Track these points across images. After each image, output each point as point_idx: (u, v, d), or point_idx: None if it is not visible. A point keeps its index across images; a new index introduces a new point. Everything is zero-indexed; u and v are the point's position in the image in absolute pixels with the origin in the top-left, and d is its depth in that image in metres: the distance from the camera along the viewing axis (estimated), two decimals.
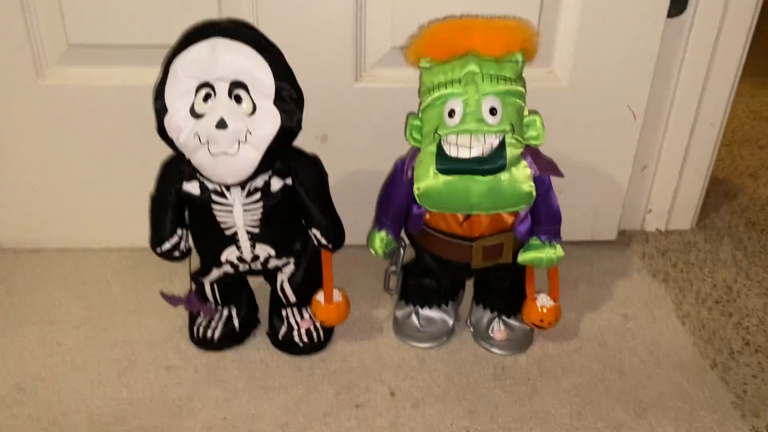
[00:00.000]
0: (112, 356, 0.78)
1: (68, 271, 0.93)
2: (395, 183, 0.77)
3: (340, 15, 0.82)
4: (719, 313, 0.88)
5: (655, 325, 0.85)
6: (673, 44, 0.91)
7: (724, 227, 1.07)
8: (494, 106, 0.67)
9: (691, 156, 1.00)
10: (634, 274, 0.95)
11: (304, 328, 0.78)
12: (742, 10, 0.89)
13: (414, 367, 0.78)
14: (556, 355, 0.80)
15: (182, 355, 0.79)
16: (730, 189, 1.19)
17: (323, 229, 0.75)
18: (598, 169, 0.95)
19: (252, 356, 0.79)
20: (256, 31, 0.67)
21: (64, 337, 0.81)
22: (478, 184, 0.67)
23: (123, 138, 0.89)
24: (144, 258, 0.95)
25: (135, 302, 0.87)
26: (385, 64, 0.86)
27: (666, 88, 0.94)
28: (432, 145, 0.69)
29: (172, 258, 0.75)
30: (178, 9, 0.81)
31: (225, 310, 0.80)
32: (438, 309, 0.81)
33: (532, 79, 0.83)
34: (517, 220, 0.74)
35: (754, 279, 0.95)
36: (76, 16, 0.81)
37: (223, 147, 0.65)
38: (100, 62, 0.85)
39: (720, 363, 0.79)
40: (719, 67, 0.93)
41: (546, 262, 0.75)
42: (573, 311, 0.87)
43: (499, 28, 0.70)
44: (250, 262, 0.74)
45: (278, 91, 0.66)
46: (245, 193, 0.70)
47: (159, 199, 0.73)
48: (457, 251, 0.75)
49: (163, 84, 0.67)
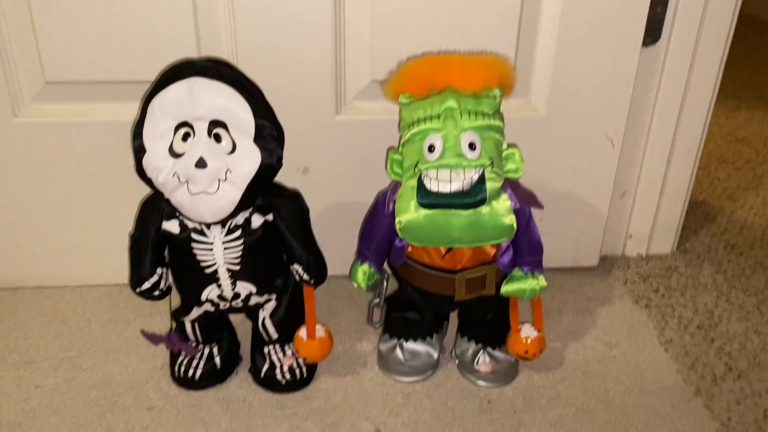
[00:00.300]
0: (92, 398, 0.77)
1: (47, 309, 0.91)
2: (377, 216, 0.76)
3: (319, 50, 0.82)
4: (701, 339, 0.88)
5: (638, 352, 0.85)
6: (649, 72, 0.92)
7: (703, 251, 1.08)
8: (473, 141, 0.68)
9: (669, 181, 1.01)
10: (616, 301, 0.96)
11: (286, 365, 0.78)
12: (716, 37, 0.90)
13: (399, 402, 0.77)
14: (542, 386, 0.80)
15: (163, 395, 0.77)
16: (709, 211, 1.21)
17: (305, 264, 0.74)
18: (578, 197, 0.96)
19: (234, 395, 0.78)
20: (235, 70, 0.67)
21: (43, 378, 0.79)
22: (459, 217, 0.67)
23: (101, 175, 0.88)
24: (124, 295, 0.93)
25: (115, 341, 0.86)
26: (364, 97, 0.87)
27: (643, 115, 0.95)
28: (413, 179, 0.69)
29: (152, 297, 0.74)
30: (157, 46, 0.81)
31: (206, 348, 0.79)
32: (422, 342, 0.81)
33: (511, 110, 0.84)
34: (499, 251, 0.74)
35: (734, 303, 0.95)
36: (53, 54, 0.81)
37: (203, 186, 0.65)
38: (78, 99, 0.84)
39: (704, 390, 0.80)
40: (695, 92, 0.94)
41: (529, 293, 0.75)
42: (557, 340, 0.87)
43: (477, 63, 0.70)
44: (231, 300, 0.73)
45: (258, 130, 0.66)
46: (225, 231, 0.70)
47: (138, 238, 0.72)
48: (440, 284, 0.75)
49: (141, 124, 0.67)
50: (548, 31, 0.85)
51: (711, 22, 0.89)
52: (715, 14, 0.89)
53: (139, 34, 0.80)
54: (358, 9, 0.81)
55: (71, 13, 0.79)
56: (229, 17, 0.80)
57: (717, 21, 0.89)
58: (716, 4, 0.88)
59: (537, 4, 0.83)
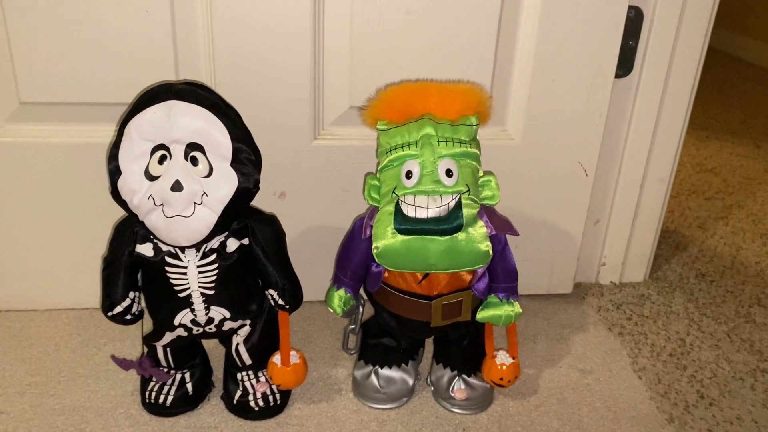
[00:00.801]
0: (60, 425, 0.75)
1: (14, 333, 0.89)
2: (354, 241, 0.76)
3: (298, 76, 0.82)
4: (674, 366, 0.89)
5: (612, 379, 0.86)
6: (621, 103, 0.94)
7: (675, 279, 1.10)
8: (450, 168, 0.68)
9: (642, 210, 1.02)
10: (590, 328, 0.96)
11: (260, 391, 0.77)
12: (686, 70, 0.93)
13: (374, 430, 0.76)
14: (516, 414, 0.79)
15: (133, 422, 0.76)
16: (680, 240, 1.23)
17: (280, 289, 0.74)
18: (552, 224, 0.97)
19: (206, 422, 0.76)
20: (212, 93, 0.67)
21: (8, 405, 0.77)
22: (436, 243, 0.68)
23: (74, 197, 0.87)
24: (94, 319, 0.92)
25: (84, 366, 0.84)
26: (342, 123, 0.87)
27: (616, 145, 0.97)
28: (390, 205, 0.69)
29: (124, 322, 0.73)
30: (134, 68, 0.81)
31: (178, 374, 0.77)
32: (398, 368, 0.80)
33: (487, 137, 0.85)
34: (475, 278, 0.75)
35: (705, 331, 0.97)
36: (28, 74, 0.80)
37: (179, 209, 0.64)
38: (52, 120, 0.84)
39: (676, 417, 0.80)
40: (666, 123, 0.96)
41: (504, 320, 0.75)
42: (532, 367, 0.87)
43: (454, 92, 0.71)
44: (205, 326, 0.72)
45: (235, 153, 0.65)
46: (200, 255, 0.69)
47: (111, 262, 0.71)
48: (415, 310, 0.75)
49: (117, 146, 0.66)
50: (523, 61, 0.86)
51: (681, 54, 0.91)
52: (685, 47, 0.91)
53: (117, 56, 0.80)
54: (336, 36, 0.82)
55: (47, 33, 0.78)
56: (208, 41, 0.80)
57: (687, 54, 0.92)
58: (686, 38, 0.91)
59: (512, 36, 0.85)
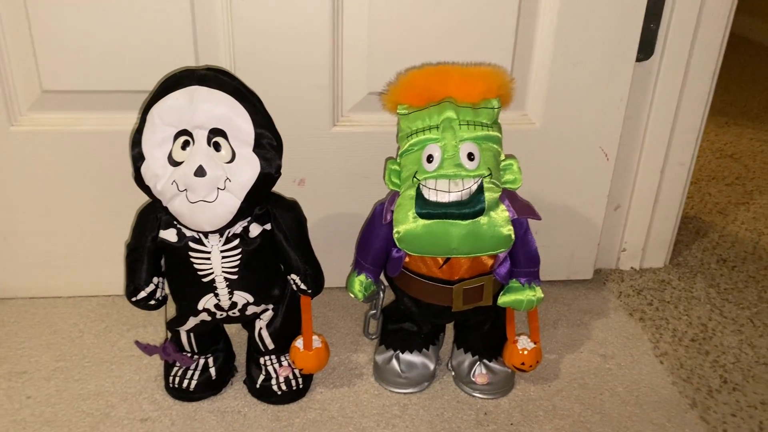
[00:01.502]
0: (85, 409, 0.76)
1: (39, 320, 0.90)
2: (374, 226, 0.76)
3: (317, 62, 0.82)
4: (696, 352, 0.89)
5: (634, 364, 0.86)
6: (642, 87, 0.93)
7: (696, 265, 1.09)
8: (472, 152, 0.68)
9: (662, 195, 1.02)
10: (611, 314, 0.96)
11: (282, 376, 0.77)
12: (707, 53, 0.92)
13: (396, 414, 0.76)
14: (538, 398, 0.79)
15: (157, 406, 0.77)
16: (700, 226, 1.22)
17: (302, 274, 0.74)
18: (572, 210, 0.96)
19: (229, 406, 0.77)
20: (234, 79, 0.67)
21: (35, 389, 0.78)
22: (458, 227, 0.67)
23: (96, 185, 0.88)
24: (117, 306, 0.93)
25: (108, 352, 0.85)
26: (361, 109, 0.87)
27: (637, 129, 0.96)
28: (411, 189, 0.69)
29: (148, 307, 0.74)
30: (154, 55, 0.81)
31: (201, 359, 0.78)
32: (419, 353, 0.81)
33: (507, 122, 0.85)
34: (496, 262, 0.74)
35: (728, 316, 0.96)
36: (50, 62, 0.81)
37: (202, 194, 0.64)
38: (74, 108, 0.84)
39: (699, 402, 0.80)
40: (687, 107, 0.95)
41: (526, 305, 0.75)
42: (553, 352, 0.87)
43: (475, 75, 0.71)
44: (228, 310, 0.73)
45: (258, 138, 0.66)
46: (224, 240, 0.69)
47: (135, 248, 0.71)
48: (437, 294, 0.75)
49: (140, 132, 0.66)
50: (544, 45, 0.86)
51: (703, 38, 0.90)
52: (706, 31, 0.90)
53: (137, 43, 0.80)
54: (355, 21, 0.82)
55: (69, 22, 0.79)
56: (227, 29, 0.81)
57: (709, 37, 0.91)
58: (708, 21, 0.90)
59: (533, 19, 0.84)
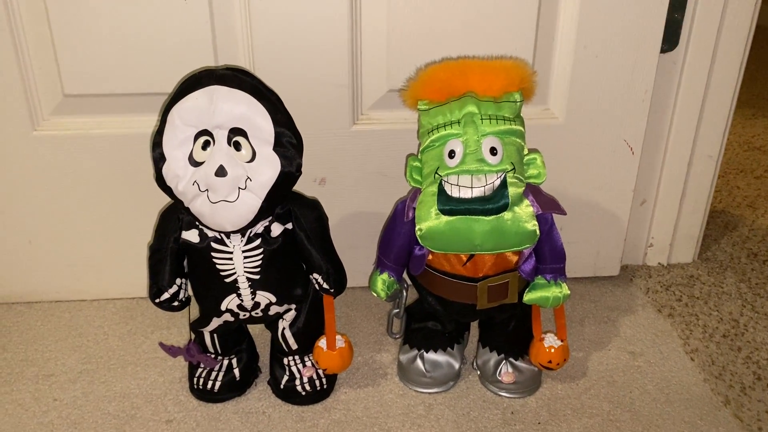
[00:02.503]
0: (111, 411, 0.76)
1: (64, 323, 0.91)
2: (396, 224, 0.76)
3: (336, 61, 0.82)
4: (728, 348, 0.86)
5: (663, 361, 0.84)
6: (667, 79, 0.91)
7: (726, 259, 1.07)
8: (494, 146, 0.67)
9: (689, 188, 1.00)
10: (639, 310, 0.94)
11: (306, 376, 0.77)
12: (734, 43, 0.90)
13: (421, 414, 0.76)
14: (566, 397, 0.78)
15: (182, 408, 0.77)
16: (729, 220, 1.19)
17: (325, 273, 0.73)
18: (598, 205, 0.95)
19: (253, 407, 0.77)
20: (254, 78, 0.67)
21: (61, 392, 0.79)
22: (481, 224, 0.66)
23: (119, 188, 0.88)
24: (141, 308, 0.93)
25: (133, 353, 0.85)
26: (381, 107, 0.86)
27: (662, 121, 0.94)
28: (433, 185, 0.68)
29: (171, 308, 0.74)
30: (174, 58, 0.81)
31: (225, 360, 0.78)
32: (443, 352, 0.80)
33: (529, 117, 0.83)
34: (521, 259, 0.73)
35: (760, 311, 0.94)
36: (72, 67, 0.81)
37: (223, 194, 0.64)
38: (96, 111, 0.85)
39: (732, 399, 0.78)
40: (714, 99, 0.93)
41: (552, 302, 0.74)
42: (580, 350, 0.86)
43: (496, 68, 0.70)
44: (251, 311, 0.72)
45: (278, 137, 0.65)
46: (245, 240, 0.69)
47: (157, 249, 0.71)
48: (461, 292, 0.74)
49: (160, 133, 0.66)
50: (566, 37, 0.84)
51: (729, 27, 0.88)
52: (733, 21, 0.88)
53: (157, 47, 0.80)
54: (374, 19, 0.81)
55: (89, 26, 0.79)
56: (246, 29, 0.80)
57: (735, 27, 0.89)
58: (734, 11, 0.88)
59: (554, 11, 0.83)
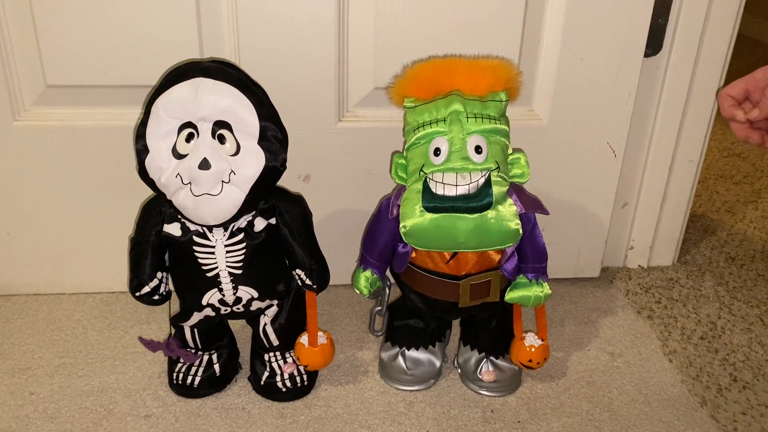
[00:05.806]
0: (88, 405, 0.75)
1: (42, 316, 0.90)
2: (380, 221, 0.76)
3: (322, 58, 0.82)
4: (705, 350, 0.87)
5: (642, 362, 0.85)
6: (650, 83, 0.92)
7: (705, 263, 1.08)
8: (479, 145, 0.67)
9: (670, 192, 1.01)
10: (618, 312, 0.95)
11: (287, 372, 0.76)
12: (716, 50, 0.91)
13: (401, 411, 0.76)
14: (545, 396, 0.78)
15: (161, 403, 0.76)
16: (708, 225, 1.21)
17: (308, 269, 0.73)
18: (580, 207, 0.95)
19: (233, 403, 0.76)
20: (239, 71, 0.67)
21: (38, 386, 0.78)
22: (465, 221, 0.67)
23: (100, 180, 0.87)
24: (121, 302, 0.92)
25: (112, 348, 0.84)
26: (367, 105, 0.86)
27: (645, 125, 0.95)
28: (418, 183, 0.68)
29: (152, 302, 0.73)
30: (159, 50, 0.80)
31: (205, 355, 0.77)
32: (425, 350, 0.80)
33: (513, 118, 0.84)
34: (503, 258, 0.74)
35: (737, 314, 0.95)
36: (54, 57, 0.80)
37: (206, 188, 0.64)
38: (78, 103, 0.84)
39: (709, 400, 0.79)
40: (696, 103, 0.94)
41: (534, 301, 0.74)
42: (560, 350, 0.86)
43: (483, 67, 0.70)
44: (232, 306, 0.72)
45: (263, 131, 0.65)
46: (228, 234, 0.69)
47: (139, 242, 0.71)
48: (443, 290, 0.74)
49: (144, 124, 0.66)
50: (551, 39, 0.85)
51: (712, 33, 0.89)
52: (715, 26, 0.89)
53: (142, 38, 0.80)
54: (361, 16, 0.81)
55: (73, 16, 0.78)
56: (232, 23, 0.80)
57: (717, 32, 0.90)
58: (717, 18, 0.89)
59: (540, 13, 0.84)
